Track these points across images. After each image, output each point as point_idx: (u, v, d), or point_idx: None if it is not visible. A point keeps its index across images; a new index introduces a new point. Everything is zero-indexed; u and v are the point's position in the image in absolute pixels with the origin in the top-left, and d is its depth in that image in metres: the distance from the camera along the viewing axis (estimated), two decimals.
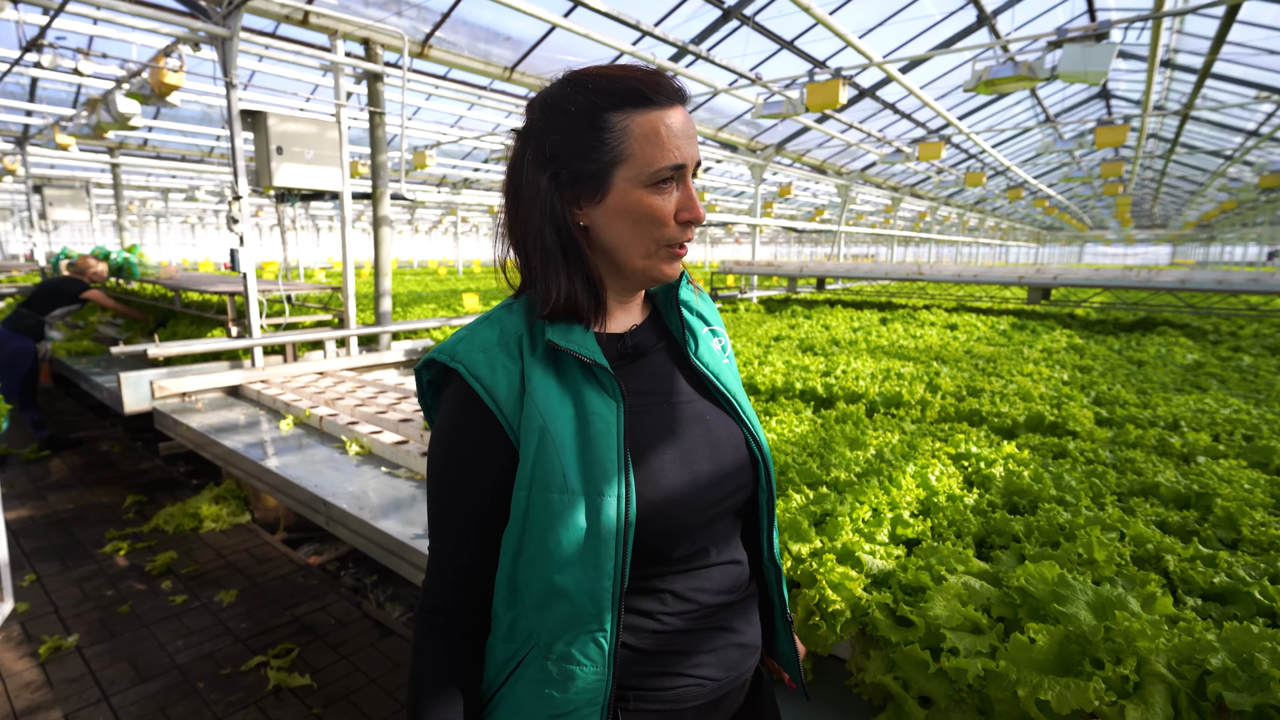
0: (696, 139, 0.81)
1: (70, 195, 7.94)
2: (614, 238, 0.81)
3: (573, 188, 0.79)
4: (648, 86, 0.76)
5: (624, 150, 0.76)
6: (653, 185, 0.77)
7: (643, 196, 0.77)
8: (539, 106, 0.81)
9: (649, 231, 0.79)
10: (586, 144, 0.77)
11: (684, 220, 0.80)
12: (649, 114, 0.76)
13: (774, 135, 10.00)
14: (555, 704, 0.78)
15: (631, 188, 0.77)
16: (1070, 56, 4.33)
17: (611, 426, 0.78)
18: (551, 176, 0.79)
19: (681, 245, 0.82)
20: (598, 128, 0.76)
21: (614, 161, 0.76)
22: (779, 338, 4.62)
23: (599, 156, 0.76)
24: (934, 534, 1.49)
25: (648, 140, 0.75)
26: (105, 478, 4.87)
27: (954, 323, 5.65)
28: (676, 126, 0.77)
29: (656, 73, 0.78)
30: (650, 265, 0.82)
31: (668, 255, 0.82)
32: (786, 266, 7.92)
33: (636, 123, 0.76)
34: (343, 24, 4.36)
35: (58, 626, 2.97)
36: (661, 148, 0.76)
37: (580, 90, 0.77)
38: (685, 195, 0.79)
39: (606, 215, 0.79)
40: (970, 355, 3.92)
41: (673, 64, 5.98)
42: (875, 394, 2.70)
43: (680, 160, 0.77)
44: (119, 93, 4.90)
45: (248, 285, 4.13)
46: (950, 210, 21.99)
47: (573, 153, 0.77)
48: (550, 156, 0.79)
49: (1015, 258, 49.88)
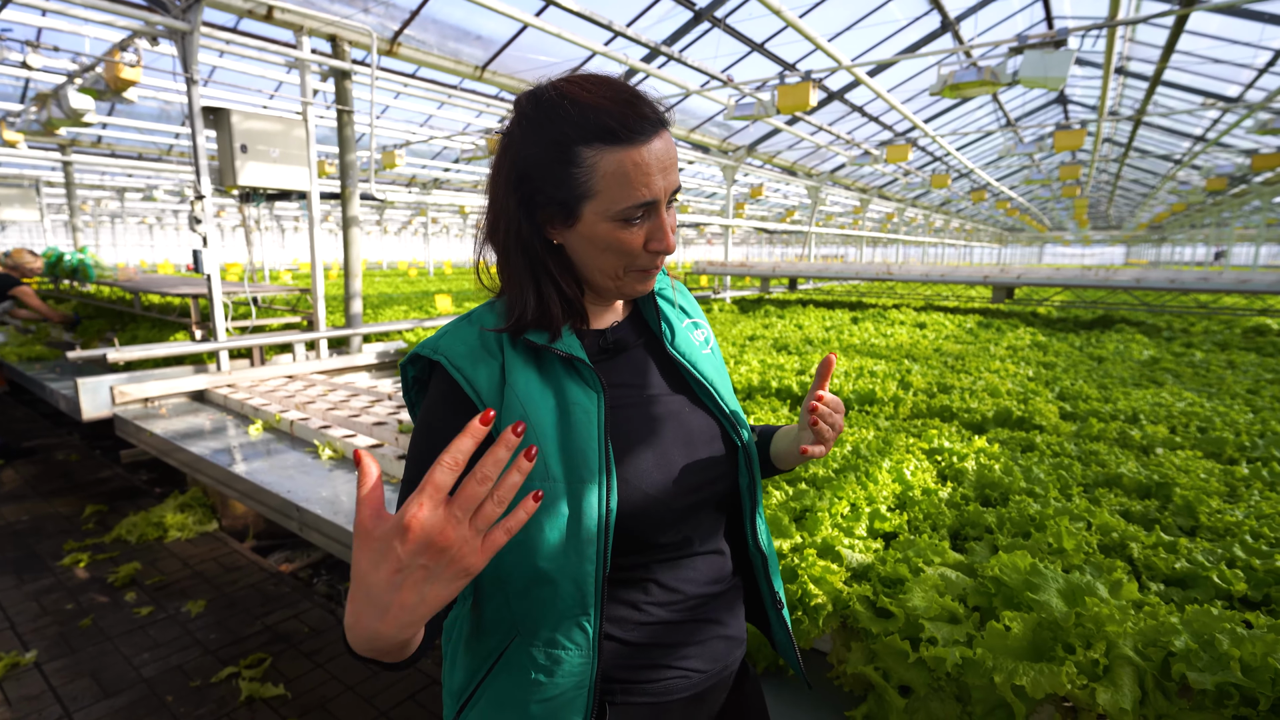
0: (675, 166, 0.79)
1: (19, 195, 7.62)
2: (584, 260, 0.82)
3: (544, 210, 0.80)
4: (619, 122, 0.74)
5: (592, 186, 0.76)
6: (622, 221, 0.77)
7: (611, 230, 0.78)
8: (521, 119, 0.79)
9: (617, 259, 0.80)
10: (556, 174, 0.77)
11: (653, 250, 0.80)
12: (619, 152, 0.74)
13: (746, 137, 10.09)
14: (543, 689, 0.79)
15: (599, 220, 0.77)
16: (1031, 62, 4.47)
17: (592, 416, 0.79)
18: (522, 199, 0.80)
19: (655, 268, 0.84)
20: (567, 160, 0.76)
21: (583, 196, 0.76)
22: (754, 337, 4.67)
23: (569, 188, 0.77)
24: (910, 527, 1.53)
25: (615, 180, 0.75)
26: (62, 487, 4.69)
27: (923, 321, 5.78)
28: (650, 161, 0.75)
29: (633, 103, 0.76)
30: (620, 285, 0.84)
31: (638, 277, 0.83)
32: (759, 267, 8.00)
33: (606, 160, 0.74)
34: (309, 20, 4.27)
35: (14, 643, 2.85)
36: (630, 187, 0.75)
37: (555, 116, 0.76)
38: (655, 226, 0.79)
39: (578, 239, 0.80)
40: (940, 353, 4.02)
41: (645, 65, 6.00)
42: (849, 391, 2.75)
43: (649, 198, 0.76)
44: (71, 88, 4.73)
45: (212, 287, 4.02)
46: (917, 211, 22.48)
47: (544, 178, 0.77)
48: (522, 178, 0.79)
49: (979, 258, 51.20)
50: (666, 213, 0.80)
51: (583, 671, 0.79)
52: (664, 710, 0.84)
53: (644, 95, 0.78)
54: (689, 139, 9.43)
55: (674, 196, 0.81)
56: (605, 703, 0.82)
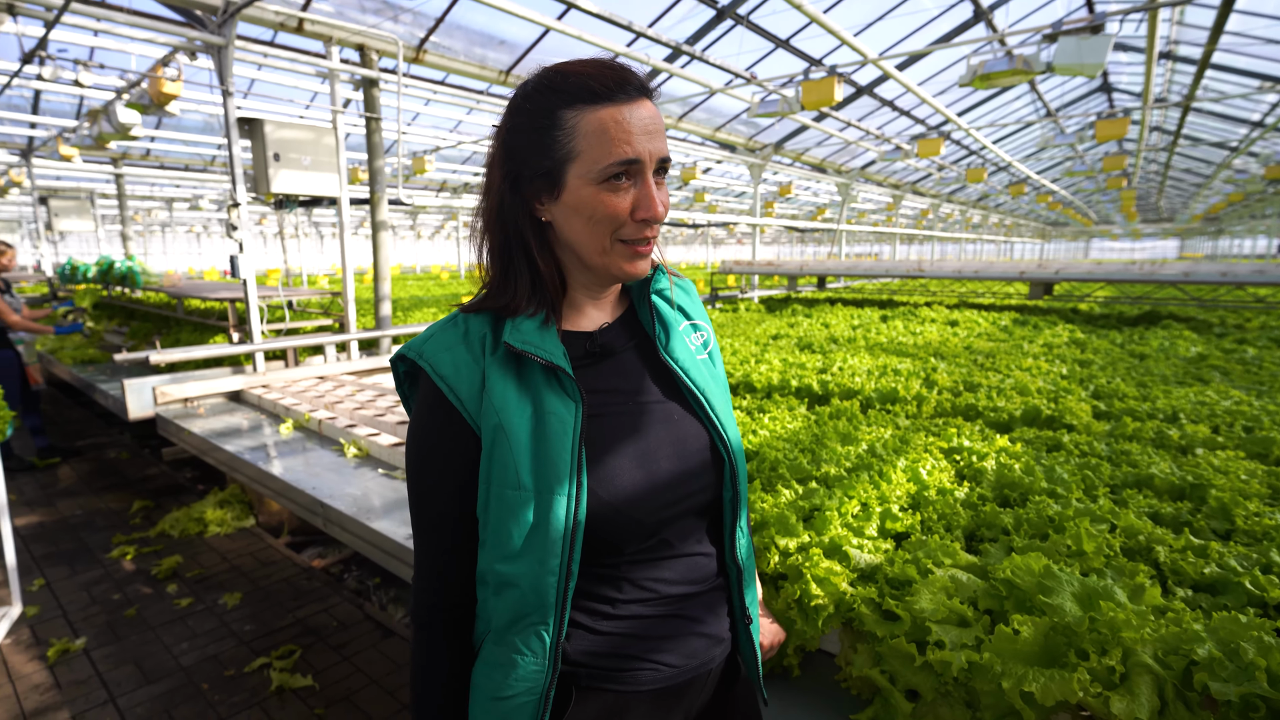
0: (661, 135, 0.79)
1: (75, 206, 8.01)
2: (571, 234, 0.81)
3: (531, 185, 0.79)
4: (600, 82, 0.75)
5: (574, 147, 0.76)
6: (604, 182, 0.76)
7: (595, 193, 0.76)
8: (509, 107, 0.82)
9: (603, 228, 0.78)
10: (541, 142, 0.77)
11: (640, 218, 0.78)
12: (600, 110, 0.75)
13: (772, 134, 10.00)
14: (498, 686, 0.80)
15: (583, 184, 0.76)
16: (1065, 50, 4.32)
17: (568, 426, 0.78)
18: (508, 174, 0.80)
19: (644, 243, 0.81)
20: (550, 125, 0.76)
21: (565, 158, 0.76)
22: (778, 336, 4.62)
23: (552, 153, 0.77)
24: (924, 528, 1.49)
25: (596, 136, 0.75)
26: (113, 484, 4.91)
27: (955, 319, 5.63)
28: (632, 122, 0.75)
29: (614, 67, 0.77)
30: (609, 262, 0.81)
31: (626, 252, 0.81)
32: (786, 266, 7.91)
33: (586, 119, 0.75)
34: (337, 30, 4.39)
35: (66, 630, 3.00)
36: (610, 143, 0.74)
37: (538, 88, 0.78)
38: (642, 193, 0.78)
39: (564, 212, 0.79)
40: (970, 351, 3.91)
41: (668, 64, 5.99)
42: (871, 390, 2.70)
43: (631, 155, 0.75)
44: (119, 103, 4.95)
45: (248, 291, 4.16)
46: (952, 207, 21.92)
47: (529, 150, 0.78)
48: (509, 154, 0.80)
49: (1020, 254, 49.65)
50: (655, 182, 0.79)
51: (536, 678, 0.79)
52: (631, 700, 0.84)
53: (629, 66, 0.79)
54: (715, 137, 9.39)
55: (663, 167, 0.80)
56: (572, 687, 0.82)
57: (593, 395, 0.84)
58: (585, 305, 0.89)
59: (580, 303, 0.89)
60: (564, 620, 0.78)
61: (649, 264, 0.85)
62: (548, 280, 0.83)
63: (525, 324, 0.82)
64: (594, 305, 0.90)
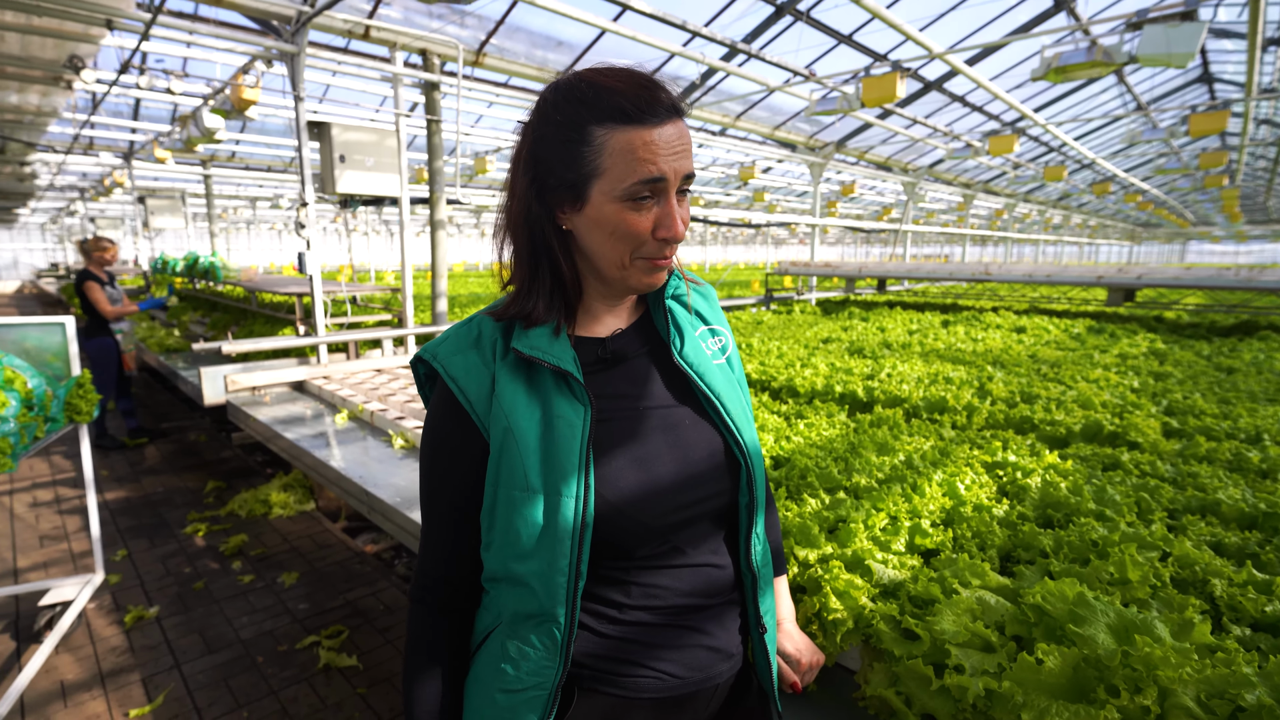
0: (688, 153, 0.79)
1: (169, 205, 8.66)
2: (592, 246, 0.82)
3: (555, 193, 0.80)
4: (632, 102, 0.75)
5: (600, 164, 0.76)
6: (628, 201, 0.77)
7: (618, 211, 0.77)
8: (537, 109, 0.82)
9: (624, 245, 0.79)
10: (568, 154, 0.77)
11: (661, 237, 0.79)
12: (629, 131, 0.75)
13: (834, 133, 9.75)
14: (507, 680, 0.81)
15: (607, 201, 0.77)
16: (1151, 38, 4.02)
17: (576, 431, 0.79)
18: (533, 180, 0.81)
19: (662, 259, 0.82)
20: (579, 140, 0.76)
21: (591, 174, 0.77)
22: (829, 340, 4.51)
23: (578, 167, 0.77)
24: (955, 545, 1.42)
25: (623, 157, 0.75)
26: (191, 464, 5.28)
27: (1022, 325, 5.35)
28: (660, 143, 0.75)
29: (648, 85, 0.77)
30: (627, 275, 0.82)
31: (645, 267, 0.82)
32: (844, 267, 7.70)
33: (615, 139, 0.75)
34: (401, 36, 4.56)
35: (142, 598, 3.25)
36: (637, 164, 0.75)
37: (569, 99, 0.78)
38: (664, 212, 0.78)
39: (585, 224, 0.80)
40: (1034, 360, 3.70)
41: (724, 63, 5.93)
42: (919, 398, 2.59)
43: (656, 174, 0.76)
44: (205, 109, 5.31)
45: (313, 287, 4.38)
46: (1030, 207, 20.77)
47: (555, 161, 0.78)
48: (535, 160, 0.80)
49: (1106, 257, 46.56)
50: (678, 201, 0.79)
51: (545, 673, 0.80)
52: (632, 706, 0.84)
53: (662, 83, 0.79)
54: (774, 136, 9.23)
55: (686, 186, 0.80)
56: (575, 687, 0.83)
57: (603, 400, 0.84)
58: (600, 311, 0.90)
59: (596, 309, 0.89)
60: (574, 618, 0.79)
61: (664, 276, 0.86)
62: (569, 286, 0.84)
63: (535, 329, 0.83)
64: (609, 311, 0.91)
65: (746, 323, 5.70)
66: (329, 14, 4.16)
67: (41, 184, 11.33)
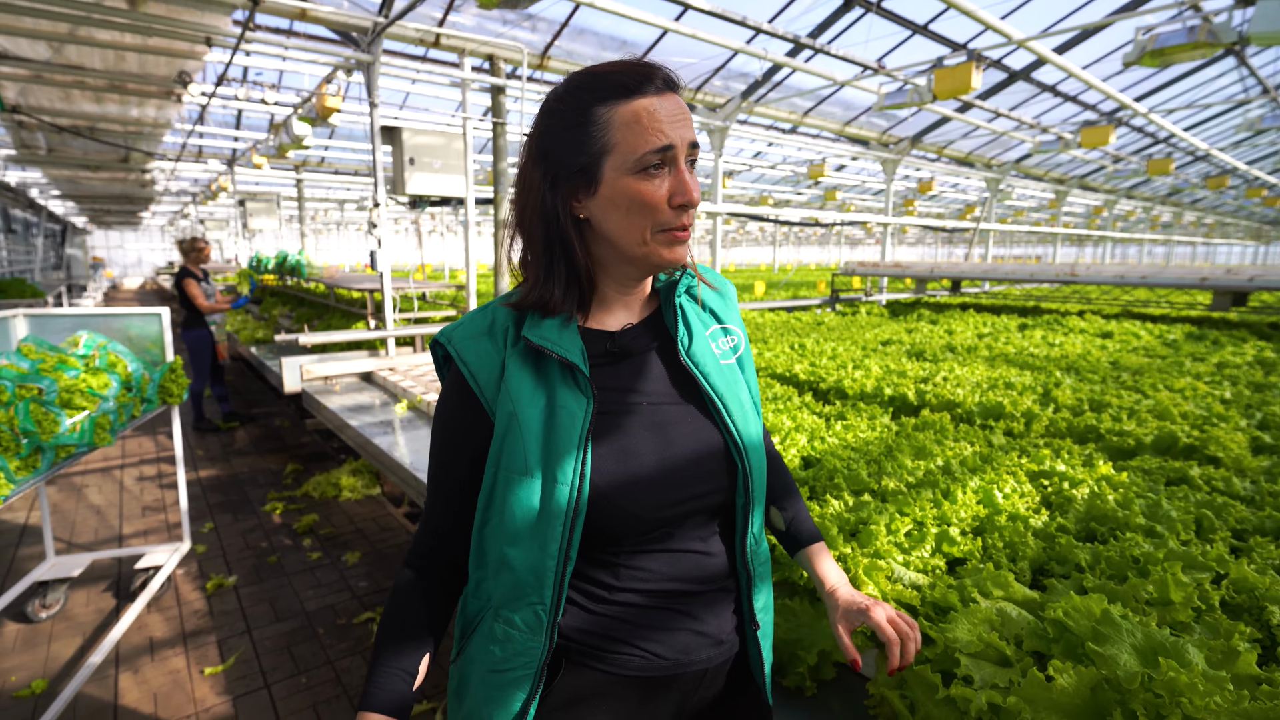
0: (689, 123, 0.82)
1: (265, 207, 9.36)
2: (611, 227, 0.83)
3: (568, 183, 0.82)
4: (630, 77, 0.79)
5: (609, 140, 0.79)
6: (640, 172, 0.79)
7: (632, 183, 0.79)
8: (540, 111, 0.85)
9: (642, 217, 0.81)
10: (576, 139, 0.80)
11: (677, 204, 0.81)
12: (631, 102, 0.78)
13: (909, 127, 9.36)
14: (495, 660, 0.84)
15: (620, 176, 0.79)
16: (1265, 14, 3.63)
17: (577, 421, 0.82)
18: (545, 174, 0.83)
19: (682, 229, 0.83)
20: (585, 122, 0.79)
21: (601, 152, 0.79)
22: (888, 342, 4.34)
23: (588, 149, 0.80)
24: (985, 554, 1.35)
25: (629, 128, 0.78)
26: (275, 447, 5.69)
27: (1109, 330, 4.97)
28: (662, 111, 0.78)
29: (641, 63, 0.80)
30: (650, 251, 0.83)
31: (666, 240, 0.83)
32: (915, 267, 7.39)
33: (619, 113, 0.78)
34: (469, 43, 4.74)
35: (223, 567, 3.54)
36: (644, 133, 0.78)
37: (570, 90, 0.82)
38: (677, 179, 0.80)
39: (601, 206, 0.82)
40: (1115, 367, 3.44)
41: (789, 59, 5.82)
42: (973, 404, 2.46)
43: (665, 142, 0.78)
44: (294, 118, 5.70)
45: (384, 283, 4.63)
46: (1134, 204, 19.19)
47: (565, 149, 0.81)
48: (544, 154, 0.83)
49: (1226, 259, 42.34)
50: (687, 170, 0.81)
51: (532, 653, 0.82)
52: (618, 683, 0.86)
53: (655, 63, 0.82)
54: (844, 133, 8.97)
55: (693, 155, 0.82)
56: (563, 659, 0.86)
57: (606, 393, 0.86)
58: (614, 304, 0.92)
59: (609, 301, 0.91)
60: (560, 600, 0.82)
61: (686, 250, 0.87)
62: (584, 276, 0.87)
63: (547, 320, 0.86)
64: (622, 304, 0.92)
65: (807, 323, 5.57)
66: (401, 24, 4.38)
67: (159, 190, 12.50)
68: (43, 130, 6.74)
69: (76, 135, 6.46)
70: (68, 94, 5.73)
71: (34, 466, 2.08)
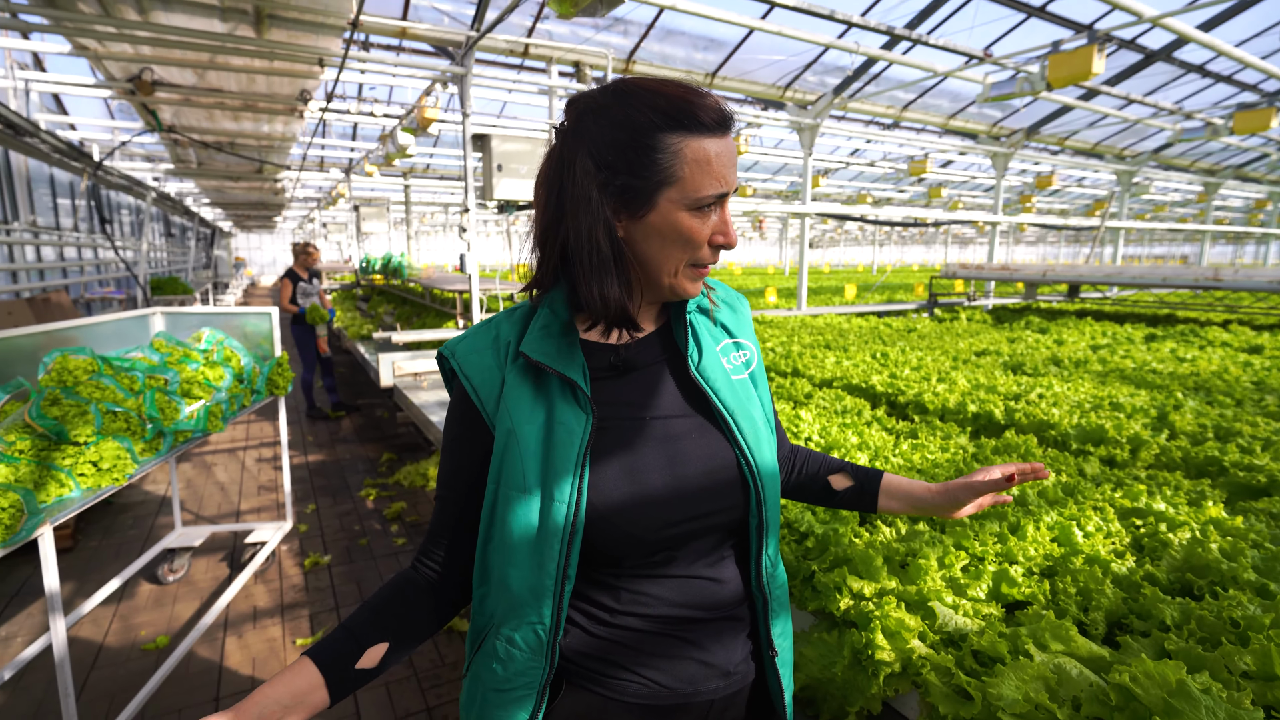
0: (737, 167, 0.83)
1: (376, 212, 10.08)
2: (647, 253, 0.82)
3: (617, 199, 0.79)
4: (703, 111, 0.77)
5: (675, 173, 0.77)
6: (696, 210, 0.79)
7: (684, 219, 0.79)
8: (589, 112, 0.80)
9: (682, 251, 0.81)
10: (639, 160, 0.77)
11: (716, 244, 0.82)
12: (703, 140, 0.77)
13: (1024, 118, 8.65)
14: (498, 679, 0.84)
15: (675, 209, 0.78)
16: None
17: (576, 438, 0.81)
18: (600, 185, 0.79)
19: (706, 267, 0.84)
20: (651, 146, 0.76)
21: (663, 182, 0.77)
22: (984, 352, 4.03)
23: (650, 175, 0.77)
24: (1051, 601, 1.21)
25: (699, 166, 0.77)
26: (374, 436, 6.12)
27: (1259, 344, 4.35)
28: (726, 155, 0.79)
29: (708, 97, 0.79)
30: (675, 283, 0.83)
31: (692, 274, 0.84)
32: (1025, 270, 6.81)
33: (690, 147, 0.77)
34: (555, 51, 4.87)
35: (320, 547, 3.84)
36: (711, 175, 0.78)
37: (634, 104, 0.77)
38: (722, 220, 0.81)
39: (644, 231, 0.80)
40: (1259, 388, 3.00)
41: (885, 52, 5.53)
42: (1069, 426, 2.23)
43: (726, 189, 0.79)
44: (398, 128, 6.09)
45: (471, 284, 4.85)
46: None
47: (624, 166, 0.78)
48: (600, 166, 0.79)
49: None
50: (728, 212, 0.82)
51: (532, 673, 0.82)
52: (617, 709, 0.85)
53: (725, 103, 0.81)
54: (950, 126, 8.42)
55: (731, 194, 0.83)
56: (564, 680, 0.86)
57: (609, 408, 0.85)
58: None
59: None
60: (560, 620, 0.81)
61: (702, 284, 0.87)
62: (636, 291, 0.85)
63: (547, 335, 0.85)
64: None
65: (897, 330, 5.28)
66: (492, 36, 4.57)
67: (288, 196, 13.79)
68: (192, 146, 7.60)
69: (219, 150, 7.24)
70: (210, 114, 6.43)
71: (156, 449, 2.35)
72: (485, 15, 4.46)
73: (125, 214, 11.21)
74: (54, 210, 7.62)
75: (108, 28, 4.02)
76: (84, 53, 4.73)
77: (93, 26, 4.04)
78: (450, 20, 4.86)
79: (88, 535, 3.90)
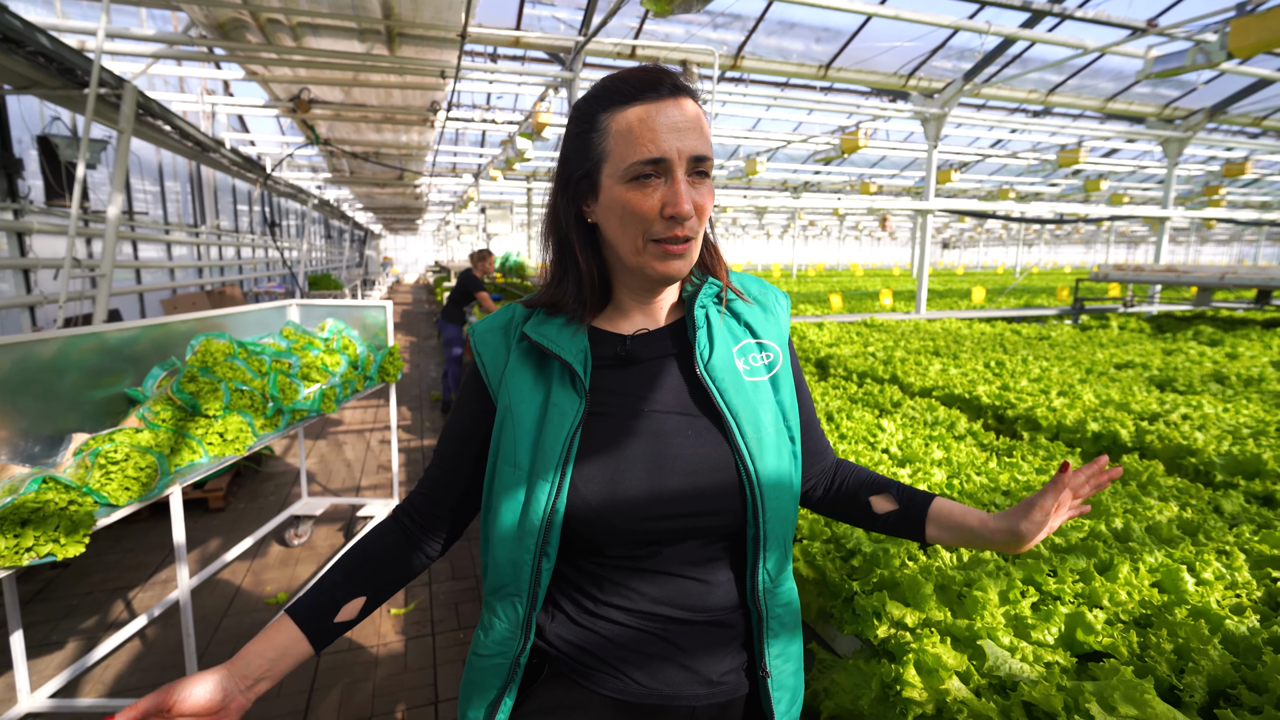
0: (696, 132, 0.78)
1: (500, 214, 10.70)
2: (610, 234, 0.83)
3: (578, 188, 0.84)
4: (633, 84, 0.78)
5: (605, 148, 0.79)
6: (631, 181, 0.77)
7: (623, 193, 0.78)
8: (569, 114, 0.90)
9: (634, 227, 0.80)
10: (583, 145, 0.81)
11: (668, 215, 0.78)
12: (628, 109, 0.77)
13: (1205, 96, 7.47)
14: (480, 644, 0.88)
15: (614, 184, 0.79)
16: None
17: (567, 420, 0.82)
18: (560, 179, 0.86)
19: (674, 242, 0.80)
20: (589, 129, 0.80)
21: (599, 159, 0.80)
22: (1126, 365, 3.52)
23: (590, 156, 0.81)
24: (1137, 654, 1.02)
25: (622, 137, 0.77)
26: None
27: None
28: (659, 120, 0.76)
29: (650, 69, 0.80)
30: (643, 262, 0.82)
31: (658, 251, 0.80)
32: (1199, 272, 5.88)
33: (616, 120, 0.78)
34: (661, 51, 4.89)
35: None
36: (635, 143, 0.76)
37: (586, 97, 0.83)
38: (670, 190, 0.77)
39: (603, 213, 0.82)
40: None
41: (1024, 31, 4.99)
42: (1214, 453, 1.88)
43: (655, 154, 0.76)
44: (515, 134, 6.41)
45: None
46: None
47: (575, 155, 0.83)
48: (562, 160, 0.86)
49: None
50: (694, 183, 0.79)
51: (508, 644, 0.84)
52: (594, 701, 0.84)
53: (666, 68, 0.81)
54: (1107, 110, 7.46)
55: (699, 166, 0.79)
56: (545, 664, 0.87)
57: (606, 396, 0.85)
58: (630, 309, 0.90)
59: (625, 304, 0.90)
60: (536, 597, 0.83)
61: (684, 265, 0.83)
62: (587, 280, 0.87)
63: (554, 319, 0.87)
64: (640, 309, 0.90)
65: (1026, 337, 4.76)
66: (599, 40, 4.68)
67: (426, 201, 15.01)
68: (344, 156, 8.48)
69: (365, 159, 8.02)
70: (357, 126, 7.14)
71: (275, 425, 2.65)
72: (592, 20, 4.57)
73: (292, 219, 12.75)
74: (234, 215, 8.81)
75: (270, 54, 4.59)
76: (254, 77, 5.43)
77: (258, 54, 4.63)
78: (566, 27, 5.04)
79: (237, 499, 4.47)
